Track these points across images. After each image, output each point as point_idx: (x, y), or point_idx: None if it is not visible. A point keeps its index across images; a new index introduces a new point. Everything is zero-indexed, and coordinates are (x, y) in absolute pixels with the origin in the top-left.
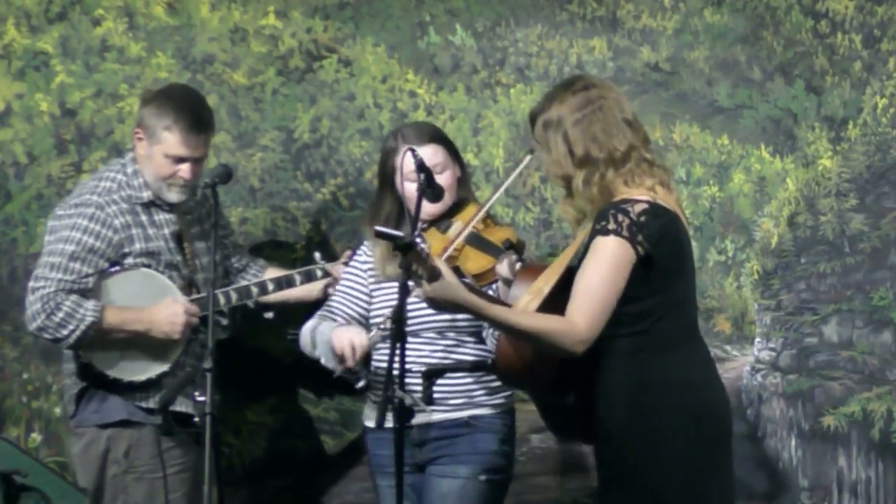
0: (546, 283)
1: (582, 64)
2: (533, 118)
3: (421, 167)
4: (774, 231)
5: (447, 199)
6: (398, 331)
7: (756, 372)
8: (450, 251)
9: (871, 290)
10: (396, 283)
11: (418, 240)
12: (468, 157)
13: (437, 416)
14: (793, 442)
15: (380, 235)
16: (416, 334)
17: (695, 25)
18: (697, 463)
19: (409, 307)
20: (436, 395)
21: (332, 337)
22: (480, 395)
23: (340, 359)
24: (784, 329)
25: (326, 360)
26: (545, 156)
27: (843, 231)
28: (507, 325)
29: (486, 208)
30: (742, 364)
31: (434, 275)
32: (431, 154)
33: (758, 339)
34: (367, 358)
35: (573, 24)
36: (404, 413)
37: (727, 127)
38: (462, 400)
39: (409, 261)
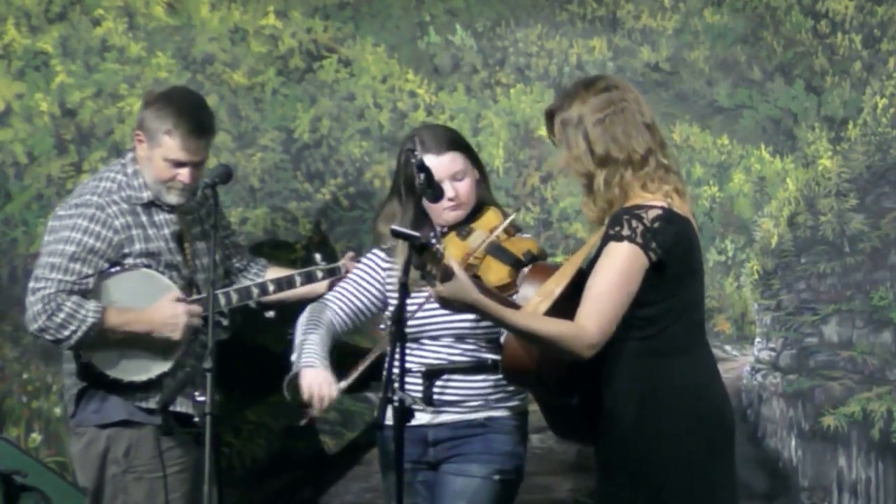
0: (557, 284)
1: (582, 64)
2: (550, 115)
3: (421, 167)
4: (774, 231)
5: (468, 205)
6: (398, 332)
7: (756, 372)
8: (470, 259)
9: (871, 290)
10: (422, 293)
11: (433, 240)
12: None
13: (453, 417)
14: (793, 442)
15: (396, 234)
16: (435, 338)
17: (695, 25)
18: (700, 465)
19: (428, 312)
20: (452, 398)
21: (301, 375)
22: (496, 398)
23: (307, 402)
24: (784, 329)
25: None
26: (564, 153)
27: (843, 231)
28: (517, 328)
29: (509, 220)
30: (742, 364)
31: (447, 275)
32: (450, 162)
33: (758, 339)
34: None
35: (573, 24)
36: (404, 413)
37: (727, 127)
38: (479, 402)
39: (424, 261)
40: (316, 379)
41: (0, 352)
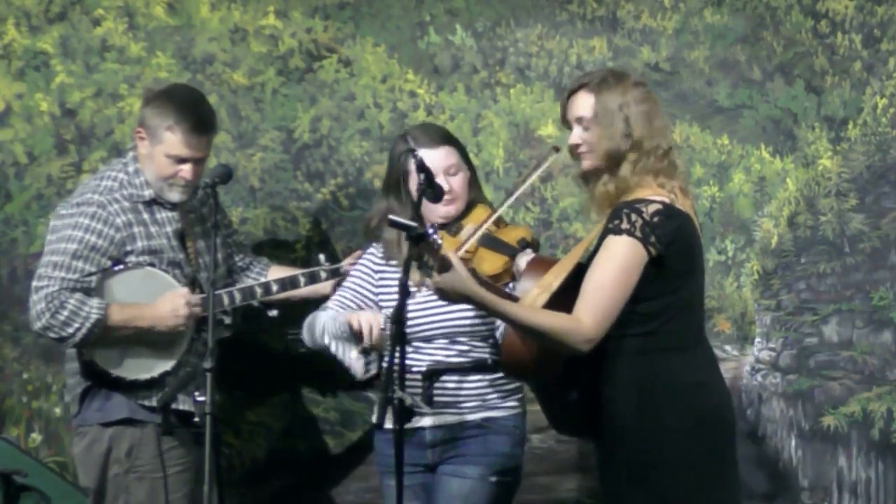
0: (555, 277)
1: (582, 64)
2: (577, 90)
3: (421, 167)
4: (774, 231)
5: (462, 201)
6: (398, 332)
7: (756, 372)
8: (461, 253)
9: (871, 290)
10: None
11: (430, 230)
12: None
13: (450, 419)
14: (793, 442)
15: (393, 224)
16: (428, 340)
17: (695, 25)
18: (702, 464)
19: (419, 313)
20: (450, 399)
21: (347, 317)
22: (494, 398)
23: (358, 337)
24: (784, 329)
25: (338, 348)
26: (597, 130)
27: (843, 231)
28: (515, 321)
29: (499, 211)
30: (742, 364)
31: (445, 266)
32: (445, 156)
33: (758, 339)
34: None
35: (573, 24)
36: (404, 413)
37: (727, 127)
38: (476, 403)
39: (421, 251)
40: (362, 314)
41: (0, 352)
